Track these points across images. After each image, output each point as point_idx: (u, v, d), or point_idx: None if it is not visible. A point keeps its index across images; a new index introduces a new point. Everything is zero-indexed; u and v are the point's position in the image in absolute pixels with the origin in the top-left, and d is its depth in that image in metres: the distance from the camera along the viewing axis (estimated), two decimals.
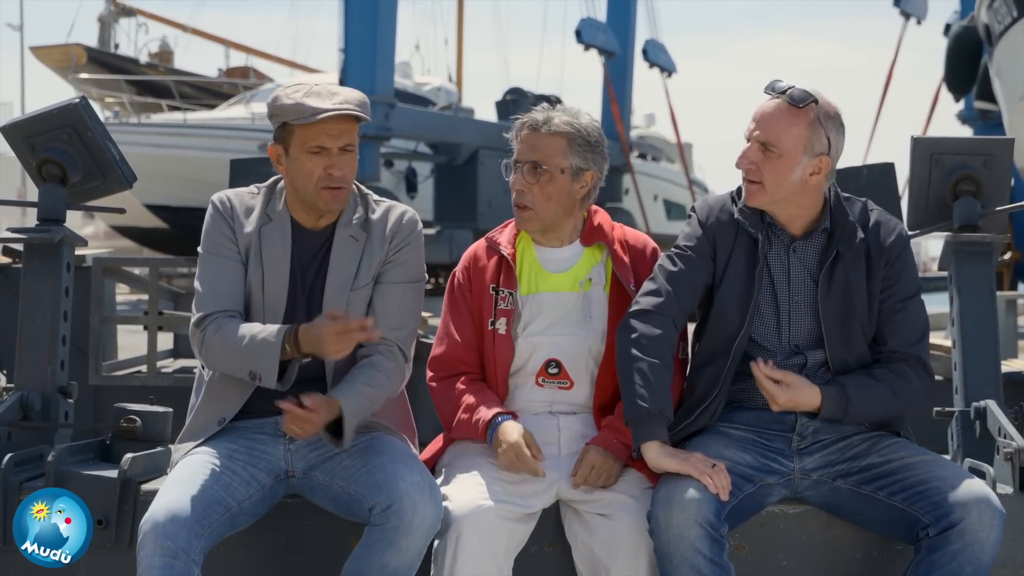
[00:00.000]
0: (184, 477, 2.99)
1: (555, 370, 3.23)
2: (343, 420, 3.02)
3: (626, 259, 3.28)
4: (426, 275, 3.31)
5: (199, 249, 3.24)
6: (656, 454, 2.97)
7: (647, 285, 3.17)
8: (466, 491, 3.03)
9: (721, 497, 2.89)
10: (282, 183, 3.26)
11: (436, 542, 2.98)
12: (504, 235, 3.33)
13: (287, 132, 3.14)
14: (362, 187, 3.31)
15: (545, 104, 3.31)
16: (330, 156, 3.12)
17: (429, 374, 3.33)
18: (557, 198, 3.21)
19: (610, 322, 3.23)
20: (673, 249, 3.21)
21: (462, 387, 3.25)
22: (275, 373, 3.03)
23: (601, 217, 3.35)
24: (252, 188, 3.29)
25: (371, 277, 3.21)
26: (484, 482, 3.06)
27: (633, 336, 3.07)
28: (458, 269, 3.37)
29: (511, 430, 3.10)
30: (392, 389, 3.19)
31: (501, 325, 3.24)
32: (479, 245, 3.37)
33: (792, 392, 2.99)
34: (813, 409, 3.04)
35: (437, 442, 3.36)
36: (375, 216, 3.25)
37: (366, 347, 3.16)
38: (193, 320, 3.17)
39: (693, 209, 3.27)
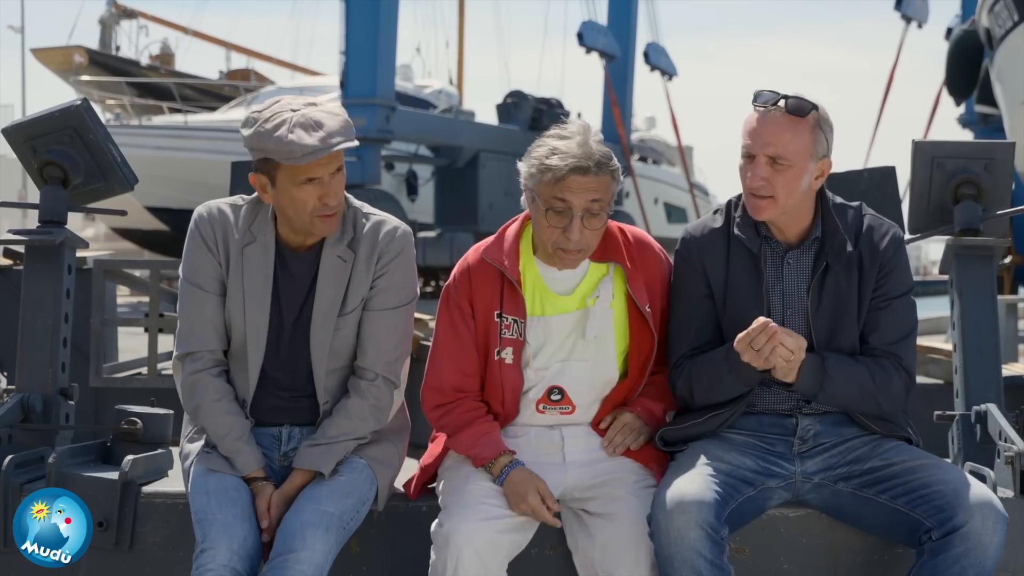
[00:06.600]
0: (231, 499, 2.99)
1: (557, 396, 3.18)
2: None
3: (641, 278, 3.18)
4: (417, 291, 3.23)
5: (180, 272, 3.17)
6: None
7: (674, 335, 3.18)
8: (464, 505, 2.99)
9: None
10: None
11: (434, 557, 2.96)
12: (504, 253, 3.16)
13: (271, 166, 2.98)
14: (353, 200, 3.18)
15: (554, 134, 3.06)
16: (323, 185, 2.99)
17: (426, 402, 3.23)
18: (606, 227, 3.12)
19: (632, 340, 3.17)
20: (678, 293, 3.19)
21: (462, 415, 3.16)
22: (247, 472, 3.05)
23: (612, 230, 3.20)
24: (238, 199, 3.18)
25: (359, 300, 3.12)
26: (483, 495, 3.02)
27: (684, 379, 3.14)
28: (453, 287, 3.20)
29: (525, 484, 3.02)
30: (372, 425, 3.15)
31: (507, 355, 3.15)
32: (474, 260, 3.19)
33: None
34: (789, 380, 2.99)
35: (438, 444, 3.30)
36: (363, 232, 3.14)
37: (356, 378, 3.14)
38: (176, 353, 3.15)
39: (679, 249, 3.23)
